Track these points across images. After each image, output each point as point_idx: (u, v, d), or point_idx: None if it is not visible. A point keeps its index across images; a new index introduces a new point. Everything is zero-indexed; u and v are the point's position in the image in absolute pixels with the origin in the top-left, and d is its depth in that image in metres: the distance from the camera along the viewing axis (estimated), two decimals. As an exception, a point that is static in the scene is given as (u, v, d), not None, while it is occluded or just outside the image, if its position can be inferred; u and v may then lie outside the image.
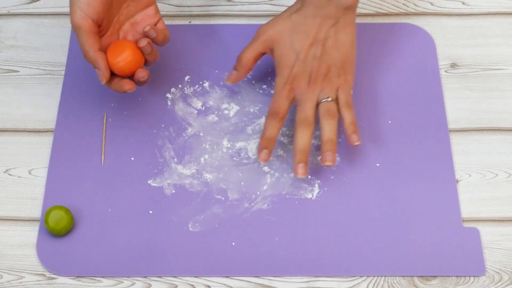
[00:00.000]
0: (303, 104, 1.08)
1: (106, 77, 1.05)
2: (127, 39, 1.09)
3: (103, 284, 1.03)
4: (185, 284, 1.03)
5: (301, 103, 1.08)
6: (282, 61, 1.09)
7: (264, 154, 1.08)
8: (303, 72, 1.08)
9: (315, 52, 1.08)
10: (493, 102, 1.16)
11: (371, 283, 1.03)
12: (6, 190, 1.10)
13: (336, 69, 1.09)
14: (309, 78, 1.08)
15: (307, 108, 1.08)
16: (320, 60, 1.08)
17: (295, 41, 1.09)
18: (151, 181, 1.09)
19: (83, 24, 1.04)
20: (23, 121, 1.15)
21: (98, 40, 1.05)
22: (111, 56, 1.05)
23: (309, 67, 1.08)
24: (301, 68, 1.08)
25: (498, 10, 1.25)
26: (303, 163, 1.07)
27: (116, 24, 1.09)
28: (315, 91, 1.08)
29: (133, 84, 1.06)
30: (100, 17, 1.05)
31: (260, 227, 1.06)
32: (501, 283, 1.03)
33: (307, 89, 1.08)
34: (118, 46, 1.06)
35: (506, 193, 1.09)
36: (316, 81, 1.08)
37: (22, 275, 1.04)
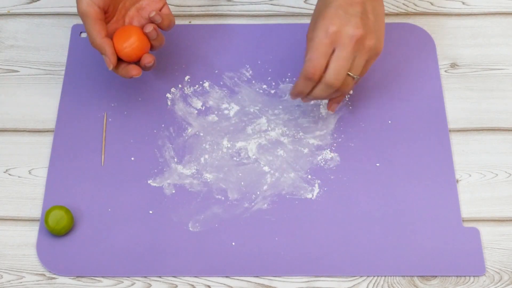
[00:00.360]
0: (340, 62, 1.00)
1: (113, 63, 1.06)
2: (133, 24, 1.09)
3: (103, 284, 1.03)
4: (185, 284, 1.03)
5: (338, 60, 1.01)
6: (320, 17, 1.02)
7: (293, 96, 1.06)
8: (346, 24, 1.00)
9: (355, 10, 1.01)
10: (493, 102, 1.16)
11: (371, 283, 1.03)
12: (6, 190, 1.10)
13: (375, 36, 1.02)
14: (354, 32, 1.00)
15: (342, 68, 1.01)
16: (362, 18, 1.00)
17: (332, 2, 1.01)
18: (151, 181, 1.09)
19: (90, 11, 1.04)
20: (23, 121, 1.15)
21: (104, 27, 1.06)
22: (118, 42, 1.06)
23: (352, 22, 1.00)
24: (343, 20, 1.00)
25: (498, 10, 1.25)
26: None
27: (122, 10, 1.09)
28: (355, 52, 1.01)
29: (139, 70, 1.07)
30: (106, 4, 1.06)
31: (260, 227, 1.06)
32: (501, 283, 1.03)
33: (349, 46, 1.00)
34: (124, 32, 1.07)
35: (506, 193, 1.09)
36: (360, 39, 1.00)
37: (22, 275, 1.04)
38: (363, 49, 1.01)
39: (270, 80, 1.18)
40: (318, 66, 1.01)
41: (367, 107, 1.15)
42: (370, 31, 1.01)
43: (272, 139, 1.13)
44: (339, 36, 1.00)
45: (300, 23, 1.23)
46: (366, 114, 1.15)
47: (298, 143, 1.12)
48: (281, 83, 1.17)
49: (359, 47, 1.01)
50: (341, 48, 1.00)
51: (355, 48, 1.00)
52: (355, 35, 1.00)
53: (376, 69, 1.18)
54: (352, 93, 1.16)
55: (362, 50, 1.01)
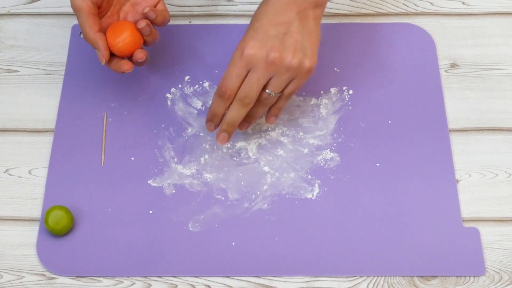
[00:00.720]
0: (250, 83, 1.02)
1: (105, 57, 1.06)
2: (127, 19, 1.10)
3: (103, 284, 1.03)
4: (185, 284, 1.03)
5: (249, 81, 1.02)
6: (243, 37, 1.03)
7: (209, 125, 1.08)
8: (262, 47, 1.01)
9: (277, 31, 1.02)
10: (493, 102, 1.16)
11: (371, 283, 1.03)
12: (6, 190, 1.10)
13: (300, 55, 1.02)
14: (267, 56, 1.01)
15: (253, 89, 1.02)
16: (282, 40, 1.01)
17: (256, 21, 1.03)
18: (151, 181, 1.09)
19: (83, 5, 1.05)
20: (23, 121, 1.15)
21: (97, 21, 1.06)
22: (111, 37, 1.06)
23: (269, 44, 1.01)
24: (259, 43, 1.01)
25: (498, 10, 1.25)
26: (227, 134, 1.06)
27: (116, 4, 1.10)
28: (269, 73, 1.02)
29: (131, 65, 1.07)
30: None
31: (260, 227, 1.06)
32: (501, 283, 1.03)
33: (262, 69, 1.02)
34: (117, 27, 1.07)
35: (506, 193, 1.09)
36: (275, 62, 1.01)
37: (22, 275, 1.04)
38: (282, 69, 1.02)
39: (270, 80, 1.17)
40: (230, 85, 1.02)
41: (367, 107, 1.15)
42: (292, 51, 1.02)
43: (272, 139, 1.13)
44: (253, 59, 1.01)
45: (300, 23, 1.23)
46: (366, 114, 1.15)
47: (298, 143, 1.12)
48: (281, 83, 1.17)
49: (276, 68, 1.01)
50: (254, 69, 1.02)
51: (270, 69, 1.01)
52: (269, 57, 1.01)
53: (376, 69, 1.18)
54: (352, 93, 1.16)
55: (281, 70, 1.02)
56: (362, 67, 1.18)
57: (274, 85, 1.03)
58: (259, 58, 1.01)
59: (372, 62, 1.19)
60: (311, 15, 1.04)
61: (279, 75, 1.02)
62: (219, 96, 1.04)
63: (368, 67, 1.19)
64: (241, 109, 1.04)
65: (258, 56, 1.01)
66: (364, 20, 1.24)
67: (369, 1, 1.26)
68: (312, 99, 1.16)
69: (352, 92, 1.16)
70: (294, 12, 1.03)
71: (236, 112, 1.04)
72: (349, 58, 1.20)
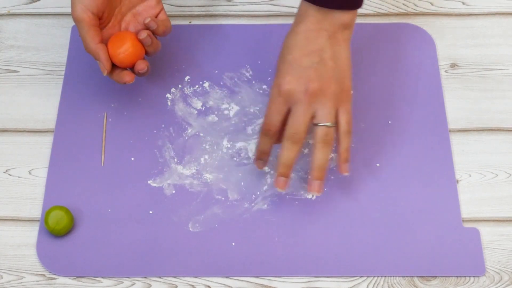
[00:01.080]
0: (296, 118, 1.01)
1: (107, 69, 1.06)
2: (129, 30, 1.10)
3: (103, 284, 1.03)
4: (185, 284, 1.03)
5: (293, 116, 1.01)
6: (276, 72, 1.03)
7: (259, 163, 1.07)
8: (298, 81, 1.00)
9: (311, 61, 1.01)
10: (493, 102, 1.16)
11: (371, 283, 1.03)
12: (6, 190, 1.10)
13: (335, 81, 1.01)
14: (306, 88, 1.00)
15: (300, 123, 1.01)
16: (317, 69, 1.01)
17: (288, 54, 1.02)
18: (151, 181, 1.09)
19: (84, 17, 1.05)
20: (23, 121, 1.15)
21: (99, 33, 1.06)
22: (112, 47, 1.06)
23: (305, 76, 1.00)
24: (295, 77, 1.00)
25: (498, 10, 1.25)
26: (285, 177, 1.03)
27: (118, 15, 1.10)
28: (312, 105, 1.01)
29: (133, 76, 1.07)
30: (100, 10, 1.06)
31: (260, 227, 1.06)
32: (501, 283, 1.03)
33: (303, 101, 1.00)
34: (118, 37, 1.07)
35: (506, 193, 1.09)
36: (314, 92, 1.00)
37: (22, 275, 1.04)
38: (323, 98, 1.00)
39: (270, 80, 1.17)
40: (272, 122, 1.02)
41: (367, 107, 1.15)
42: (328, 79, 1.01)
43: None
44: (292, 94, 1.00)
45: (300, 23, 1.23)
46: (366, 114, 1.15)
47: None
48: (281, 83, 1.17)
49: (317, 98, 1.00)
50: (296, 104, 1.00)
51: (311, 100, 1.00)
52: (308, 89, 1.00)
53: (376, 69, 1.18)
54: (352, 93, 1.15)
55: (323, 100, 1.01)
56: (362, 67, 1.18)
57: (321, 116, 1.01)
58: (299, 92, 1.00)
59: (372, 62, 1.19)
60: (340, 38, 1.02)
61: (322, 104, 1.01)
62: (264, 135, 1.04)
63: (368, 67, 1.19)
64: (293, 147, 1.01)
65: (297, 90, 1.00)
66: (364, 20, 1.24)
67: (369, 1, 1.26)
68: (312, 99, 1.16)
69: (352, 92, 1.16)
70: (325, 38, 1.01)
71: (288, 151, 1.01)
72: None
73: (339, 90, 1.02)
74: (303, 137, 1.01)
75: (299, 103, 1.00)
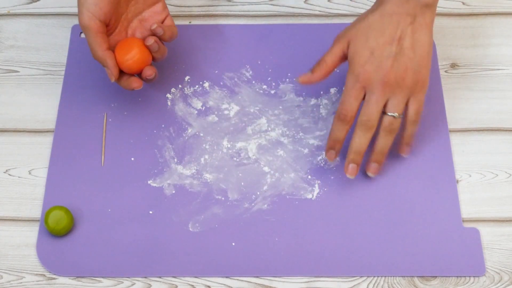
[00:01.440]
0: (370, 106, 1.04)
1: (115, 75, 1.07)
2: (136, 36, 1.10)
3: (103, 284, 1.03)
4: (185, 284, 1.03)
5: (368, 104, 1.04)
6: (354, 58, 1.05)
7: (331, 154, 1.07)
8: (376, 71, 1.03)
9: (390, 50, 1.04)
10: (493, 102, 1.16)
11: (371, 283, 1.03)
12: (6, 190, 1.10)
13: (411, 73, 1.04)
14: (383, 78, 1.03)
15: (373, 111, 1.04)
16: (395, 60, 1.03)
17: (370, 38, 1.04)
18: (151, 181, 1.09)
19: (91, 24, 1.05)
20: (23, 121, 1.15)
21: (106, 40, 1.07)
22: (119, 54, 1.07)
23: (383, 66, 1.03)
24: (374, 66, 1.04)
25: (498, 10, 1.25)
26: (355, 164, 1.06)
27: (124, 21, 1.10)
28: (386, 94, 1.04)
29: (140, 82, 1.08)
30: (107, 17, 1.06)
31: (260, 227, 1.06)
32: (501, 283, 1.03)
33: (379, 91, 1.04)
34: (125, 44, 1.07)
35: (506, 193, 1.09)
36: (389, 83, 1.03)
37: (22, 275, 1.04)
38: (397, 89, 1.04)
39: (270, 80, 1.17)
40: (349, 108, 1.04)
41: (367, 107, 1.15)
42: (404, 70, 1.03)
43: (272, 140, 1.13)
44: (369, 82, 1.03)
45: (300, 23, 1.23)
46: (366, 114, 1.15)
47: (298, 143, 1.12)
48: (281, 83, 1.17)
49: (392, 89, 1.04)
50: (370, 92, 1.04)
51: (385, 91, 1.03)
52: (384, 80, 1.03)
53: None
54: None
55: (396, 90, 1.04)
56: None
57: (392, 105, 1.04)
58: (376, 81, 1.03)
59: (372, 62, 1.19)
60: (422, 22, 1.04)
61: (395, 95, 1.04)
62: (340, 120, 1.05)
63: (368, 67, 1.19)
64: (365, 134, 1.05)
65: (374, 80, 1.03)
66: (364, 20, 1.24)
67: (369, 1, 1.26)
68: (312, 99, 1.16)
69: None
70: (407, 23, 1.04)
71: (360, 138, 1.05)
72: (349, 58, 1.20)
73: (414, 81, 1.04)
74: (375, 124, 1.04)
75: (374, 92, 1.04)
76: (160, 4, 1.11)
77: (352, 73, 1.04)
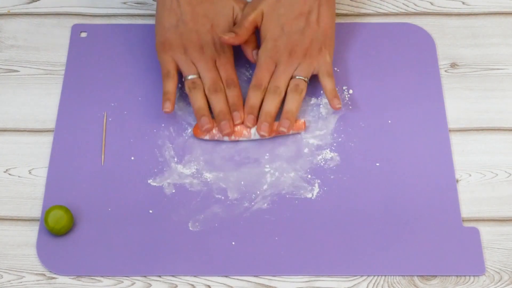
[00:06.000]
0: (278, 75, 1.13)
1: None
2: None
3: (103, 284, 1.03)
4: (185, 284, 1.03)
5: (276, 73, 1.13)
6: (267, 34, 1.14)
7: (250, 119, 1.11)
8: (286, 45, 1.13)
9: (299, 25, 1.13)
10: (493, 102, 1.16)
11: (371, 283, 1.03)
12: (6, 190, 1.10)
13: (317, 43, 1.13)
14: (290, 51, 1.13)
15: (281, 79, 1.12)
16: (302, 34, 1.13)
17: (281, 14, 1.14)
18: (151, 181, 1.09)
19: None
20: (23, 121, 1.15)
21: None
22: None
23: (292, 40, 1.13)
24: (284, 41, 1.13)
25: (498, 10, 1.25)
26: (267, 123, 1.11)
27: None
28: (293, 65, 1.13)
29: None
30: None
31: (260, 227, 1.06)
32: (501, 283, 1.03)
33: (286, 61, 1.13)
34: None
35: (506, 193, 1.09)
36: (296, 54, 1.13)
37: (22, 275, 1.04)
38: (303, 59, 1.13)
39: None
40: (263, 78, 1.13)
41: (367, 107, 1.15)
42: (310, 42, 1.14)
43: (272, 139, 1.13)
44: (278, 55, 1.13)
45: (300, 23, 1.23)
46: (366, 114, 1.15)
47: (298, 142, 1.12)
48: (281, 83, 1.17)
49: (298, 59, 1.13)
50: (279, 63, 1.13)
51: (292, 61, 1.13)
52: (291, 52, 1.13)
53: (376, 69, 1.18)
54: (352, 92, 1.16)
55: (302, 60, 1.13)
56: (362, 67, 1.18)
57: (299, 71, 1.13)
58: (284, 53, 1.13)
59: (372, 62, 1.19)
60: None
61: (301, 64, 1.13)
62: (255, 89, 1.12)
63: (368, 67, 1.19)
64: (274, 98, 1.12)
65: (283, 52, 1.13)
66: (364, 20, 1.24)
67: (369, 1, 1.26)
68: (312, 98, 1.16)
69: (352, 92, 1.16)
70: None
71: (271, 102, 1.12)
72: (349, 58, 1.20)
73: (318, 49, 1.14)
74: (283, 91, 1.13)
75: (283, 63, 1.13)
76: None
77: (265, 48, 1.14)
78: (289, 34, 1.13)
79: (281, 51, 1.13)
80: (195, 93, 1.12)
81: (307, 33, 1.13)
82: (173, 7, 1.15)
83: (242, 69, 1.18)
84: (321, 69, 1.14)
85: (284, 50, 1.13)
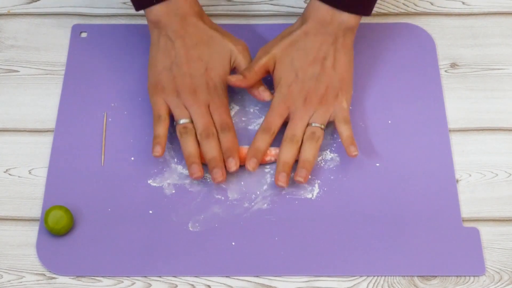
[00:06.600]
0: (294, 123, 1.09)
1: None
2: None
3: (103, 284, 1.03)
4: (185, 284, 1.03)
5: (292, 121, 1.09)
6: (281, 79, 1.11)
7: (253, 163, 1.08)
8: (301, 91, 1.10)
9: (314, 71, 1.10)
10: (493, 102, 1.17)
11: (371, 283, 1.03)
12: (6, 190, 1.10)
13: (333, 90, 1.10)
14: (305, 97, 1.09)
15: (298, 127, 1.09)
16: (318, 80, 1.10)
17: (295, 59, 1.11)
18: (151, 181, 1.09)
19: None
20: (23, 121, 1.15)
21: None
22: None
23: (306, 87, 1.10)
24: (298, 87, 1.10)
25: (498, 10, 1.25)
26: (285, 173, 1.07)
27: None
28: (309, 112, 1.09)
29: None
30: None
31: (260, 227, 1.06)
32: (501, 283, 1.03)
33: (302, 109, 1.09)
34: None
35: (506, 193, 1.09)
36: (312, 101, 1.09)
37: (22, 275, 1.04)
38: (319, 105, 1.10)
39: (270, 80, 1.17)
40: (273, 123, 1.09)
41: (367, 107, 1.15)
42: (326, 88, 1.10)
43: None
44: (293, 102, 1.10)
45: (300, 23, 1.23)
46: (366, 114, 1.15)
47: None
48: (281, 83, 1.17)
49: (314, 106, 1.10)
50: (295, 110, 1.10)
51: (308, 108, 1.09)
52: (307, 99, 1.10)
53: (376, 69, 1.18)
54: (352, 93, 1.16)
55: (318, 106, 1.10)
56: (362, 67, 1.18)
57: (315, 118, 1.10)
58: (299, 101, 1.10)
59: (372, 62, 1.19)
60: (343, 42, 1.11)
61: (317, 111, 1.10)
62: (263, 132, 1.09)
63: (368, 67, 1.19)
64: (291, 147, 1.08)
65: (298, 100, 1.10)
66: (364, 20, 1.24)
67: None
68: (312, 99, 1.16)
69: (352, 92, 1.16)
70: (329, 44, 1.11)
71: (287, 151, 1.08)
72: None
73: (334, 96, 1.10)
74: (300, 139, 1.09)
75: (299, 110, 1.09)
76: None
77: (279, 93, 1.10)
78: (303, 80, 1.10)
79: (296, 97, 1.10)
80: (186, 138, 1.08)
81: (322, 79, 1.10)
82: (168, 48, 1.11)
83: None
84: (337, 115, 1.10)
85: (298, 96, 1.10)
